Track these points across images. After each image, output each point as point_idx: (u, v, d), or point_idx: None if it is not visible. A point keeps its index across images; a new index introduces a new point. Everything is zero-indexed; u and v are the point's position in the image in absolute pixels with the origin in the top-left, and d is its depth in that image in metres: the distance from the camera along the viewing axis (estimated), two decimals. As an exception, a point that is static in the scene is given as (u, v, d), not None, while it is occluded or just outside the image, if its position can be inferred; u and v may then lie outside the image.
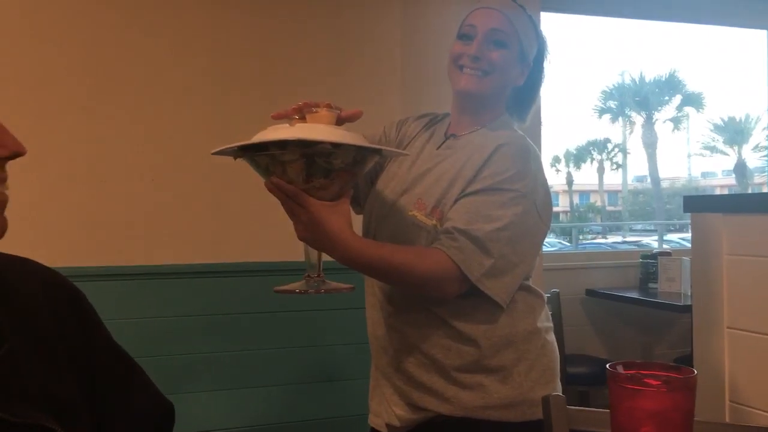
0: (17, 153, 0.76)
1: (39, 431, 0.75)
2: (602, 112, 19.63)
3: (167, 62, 2.50)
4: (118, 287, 2.39)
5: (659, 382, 0.86)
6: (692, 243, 1.84)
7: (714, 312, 1.72)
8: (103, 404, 0.89)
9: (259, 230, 2.51)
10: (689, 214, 1.84)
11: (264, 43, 2.60)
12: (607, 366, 0.88)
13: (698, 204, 1.81)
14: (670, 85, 18.90)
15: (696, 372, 0.88)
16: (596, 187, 19.94)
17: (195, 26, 2.53)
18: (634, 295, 3.68)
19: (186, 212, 2.51)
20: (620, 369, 0.88)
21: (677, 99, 19.13)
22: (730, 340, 1.68)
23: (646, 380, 0.87)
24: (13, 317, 0.80)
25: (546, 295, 3.15)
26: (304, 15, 2.65)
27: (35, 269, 0.89)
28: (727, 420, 1.67)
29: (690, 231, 1.88)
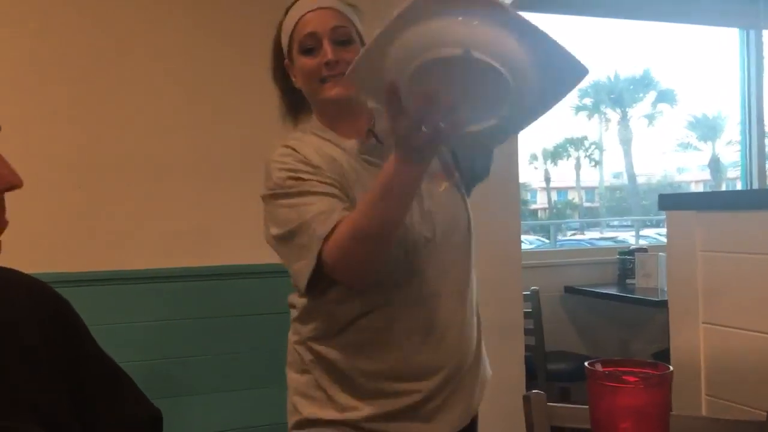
0: (13, 185, 0.76)
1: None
2: (578, 109, 19.74)
3: (149, 59, 2.49)
4: (103, 292, 2.38)
5: (637, 379, 0.89)
6: (667, 240, 1.87)
7: (689, 307, 1.75)
8: (91, 413, 0.89)
9: (241, 232, 2.51)
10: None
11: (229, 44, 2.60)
12: (586, 364, 0.91)
13: (673, 202, 1.85)
14: (644, 82, 19.09)
15: (671, 368, 0.91)
16: (574, 184, 20.07)
17: (169, 29, 2.53)
18: (613, 291, 3.73)
19: (170, 214, 2.50)
20: (599, 366, 0.91)
21: (651, 95, 19.30)
22: (705, 334, 1.72)
23: (624, 377, 0.89)
24: (2, 329, 0.81)
25: (525, 293, 3.20)
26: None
27: (21, 279, 0.89)
28: (704, 413, 1.70)
29: (665, 226, 1.91)
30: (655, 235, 6.50)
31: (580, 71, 0.99)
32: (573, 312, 3.93)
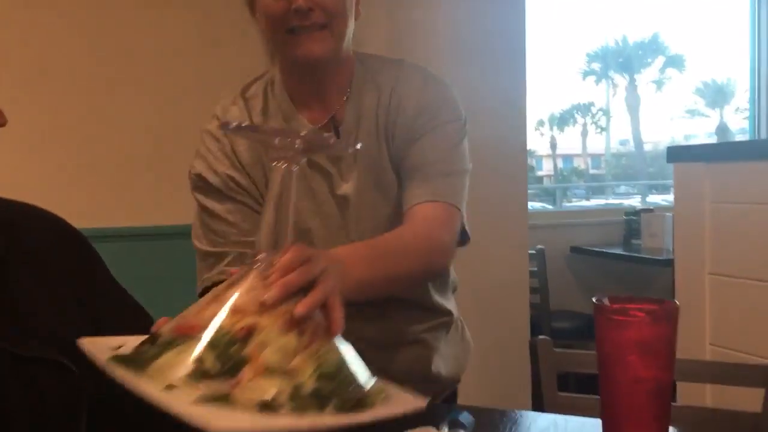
0: None
1: (49, 366, 0.78)
2: (586, 74, 19.56)
3: (151, 25, 2.48)
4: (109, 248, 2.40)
5: (643, 314, 0.90)
6: (675, 192, 1.88)
7: (696, 258, 1.77)
8: None
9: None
10: (671, 172, 1.88)
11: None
12: (594, 299, 0.92)
13: (681, 154, 1.85)
14: (653, 47, 18.86)
15: (678, 303, 0.92)
16: (580, 151, 19.92)
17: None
18: (618, 251, 3.75)
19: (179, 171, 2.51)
20: (606, 301, 0.92)
21: (660, 61, 19.09)
22: (711, 285, 1.73)
23: (631, 312, 0.90)
24: (25, 260, 0.83)
25: (531, 252, 3.22)
26: None
27: (44, 215, 0.91)
28: (708, 362, 1.72)
29: (672, 190, 1.92)
30: (661, 201, 6.49)
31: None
32: (578, 272, 3.95)
